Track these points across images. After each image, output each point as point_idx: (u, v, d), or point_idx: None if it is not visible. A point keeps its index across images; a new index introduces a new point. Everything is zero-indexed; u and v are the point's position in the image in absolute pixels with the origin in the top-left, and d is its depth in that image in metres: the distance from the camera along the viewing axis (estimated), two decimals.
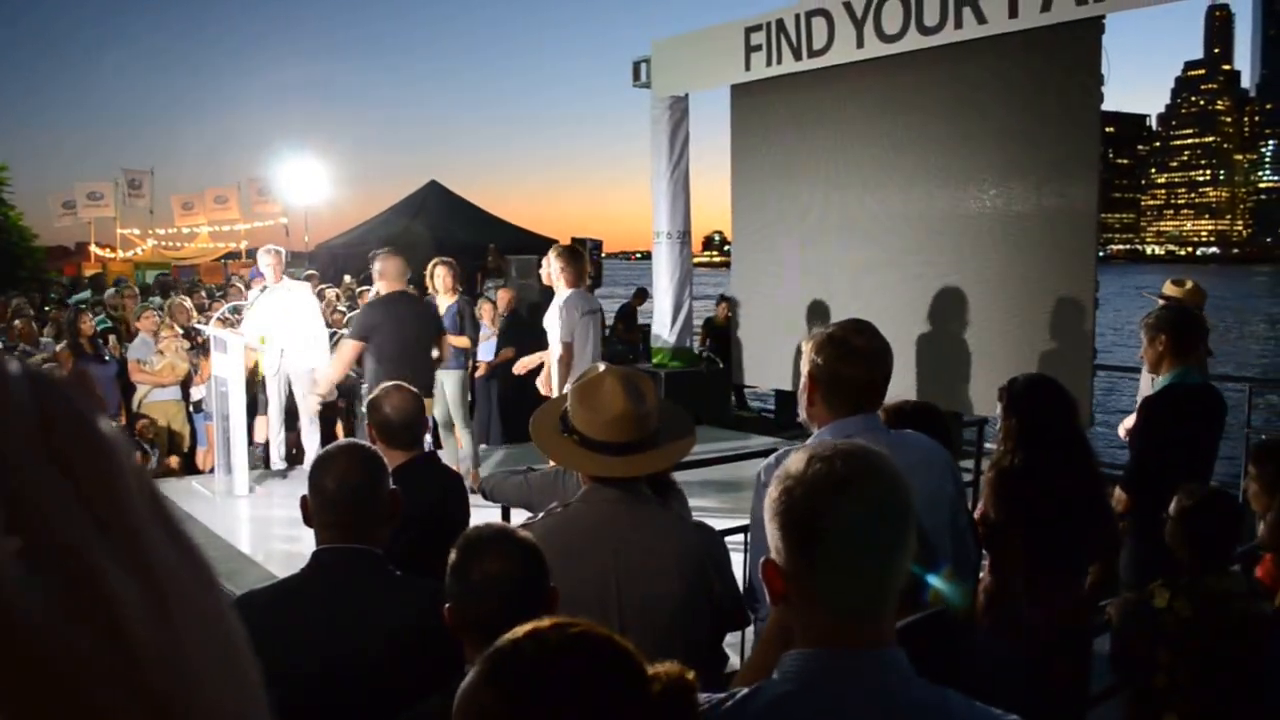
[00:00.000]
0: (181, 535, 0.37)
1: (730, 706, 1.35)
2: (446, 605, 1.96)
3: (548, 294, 6.91)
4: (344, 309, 11.03)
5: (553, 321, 6.33)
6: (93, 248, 26.17)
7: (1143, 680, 3.01)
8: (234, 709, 0.36)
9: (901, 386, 7.30)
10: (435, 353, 6.42)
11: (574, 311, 6.30)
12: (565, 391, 6.31)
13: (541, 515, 2.51)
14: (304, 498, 2.41)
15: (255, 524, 6.77)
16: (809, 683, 1.32)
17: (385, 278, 6.44)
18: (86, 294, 15.35)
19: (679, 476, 3.29)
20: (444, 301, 7.57)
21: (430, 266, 7.82)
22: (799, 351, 2.51)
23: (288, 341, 7.52)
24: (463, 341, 7.57)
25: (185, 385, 8.86)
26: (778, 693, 1.33)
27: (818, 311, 8.22)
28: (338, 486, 2.34)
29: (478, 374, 9.48)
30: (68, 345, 8.43)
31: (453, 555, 2.01)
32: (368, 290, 11.64)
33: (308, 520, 2.40)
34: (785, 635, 1.44)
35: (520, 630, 1.29)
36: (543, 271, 6.82)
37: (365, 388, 6.51)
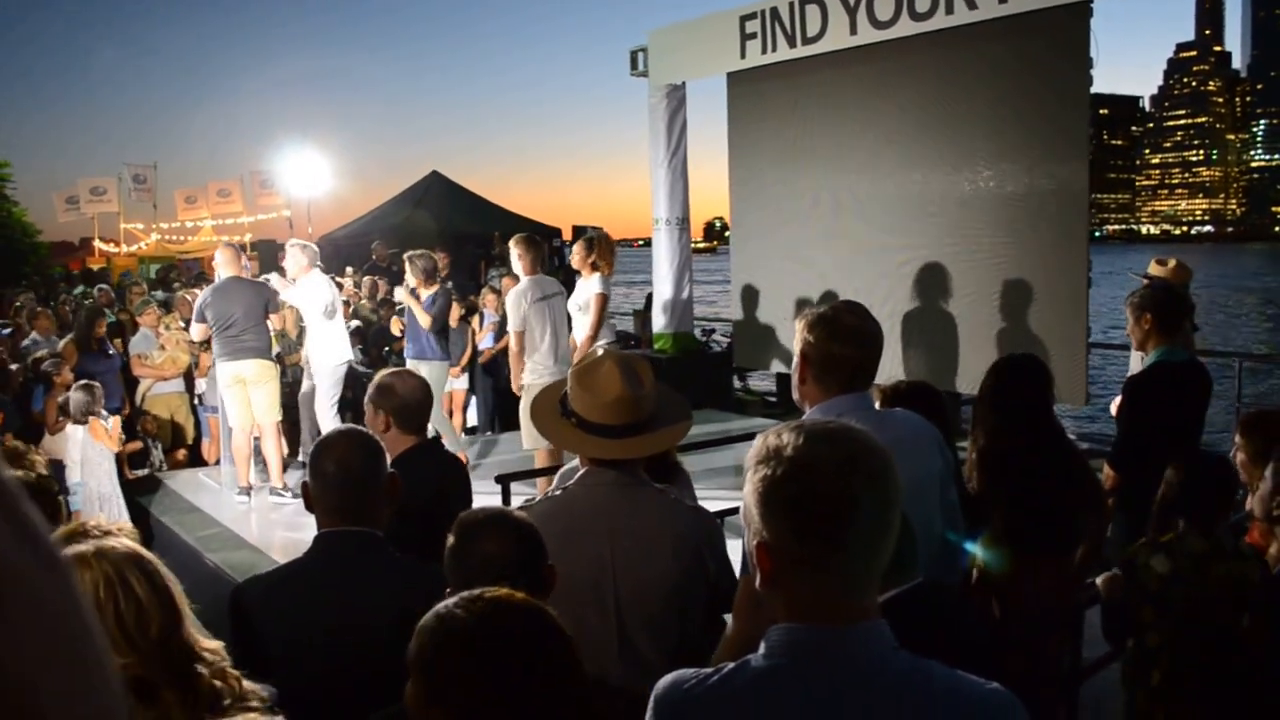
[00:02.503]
0: (32, 530, 0.34)
1: (715, 681, 1.37)
2: (447, 588, 1.98)
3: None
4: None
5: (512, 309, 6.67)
6: (97, 243, 26.15)
7: (1136, 642, 3.07)
8: (84, 706, 0.34)
9: (897, 367, 7.38)
10: (273, 325, 7.31)
11: (523, 300, 6.51)
12: (523, 382, 6.66)
13: (540, 498, 2.56)
14: (304, 483, 2.46)
15: (260, 513, 6.84)
16: (796, 657, 1.33)
17: (220, 265, 7.30)
18: (81, 289, 15.47)
19: (682, 458, 3.32)
20: (424, 293, 7.58)
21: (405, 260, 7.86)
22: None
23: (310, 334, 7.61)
24: (425, 320, 7.50)
25: (189, 378, 8.93)
26: (764, 667, 1.34)
27: (815, 294, 8.26)
28: (337, 470, 2.38)
29: (480, 360, 9.56)
30: (73, 340, 8.47)
31: (451, 537, 2.05)
32: (372, 279, 11.90)
33: (309, 505, 2.44)
34: (757, 607, 1.46)
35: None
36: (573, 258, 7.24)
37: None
